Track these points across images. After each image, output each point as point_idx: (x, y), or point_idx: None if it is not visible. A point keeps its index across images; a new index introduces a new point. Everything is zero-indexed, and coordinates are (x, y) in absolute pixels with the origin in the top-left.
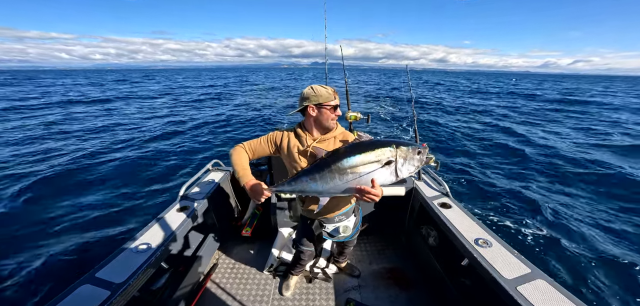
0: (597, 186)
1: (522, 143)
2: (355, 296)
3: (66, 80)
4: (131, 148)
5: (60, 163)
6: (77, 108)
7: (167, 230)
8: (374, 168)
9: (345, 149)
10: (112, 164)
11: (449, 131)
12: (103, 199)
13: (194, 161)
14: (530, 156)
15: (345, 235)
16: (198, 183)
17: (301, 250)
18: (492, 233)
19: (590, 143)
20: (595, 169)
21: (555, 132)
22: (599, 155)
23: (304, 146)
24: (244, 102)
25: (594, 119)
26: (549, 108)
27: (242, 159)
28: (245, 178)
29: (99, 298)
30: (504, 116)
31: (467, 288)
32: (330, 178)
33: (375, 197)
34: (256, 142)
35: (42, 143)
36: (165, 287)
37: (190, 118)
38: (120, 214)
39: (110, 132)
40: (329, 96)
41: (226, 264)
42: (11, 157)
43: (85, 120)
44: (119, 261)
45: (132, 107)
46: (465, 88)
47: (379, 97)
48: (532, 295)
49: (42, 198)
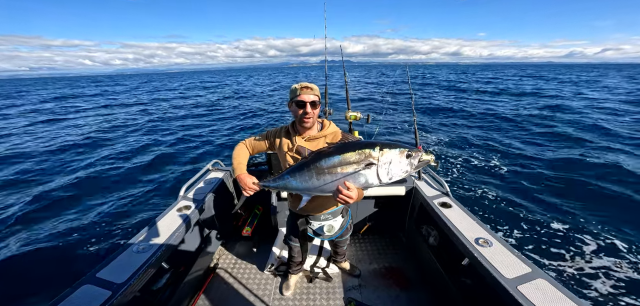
0: (599, 183)
1: (526, 143)
2: (355, 295)
3: (94, 86)
4: (131, 148)
5: (74, 168)
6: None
7: (168, 230)
8: (353, 169)
9: (328, 150)
10: (112, 164)
11: (449, 129)
12: (103, 199)
13: (194, 161)
14: (531, 155)
15: (329, 235)
16: (198, 183)
17: (290, 245)
18: (492, 233)
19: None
20: (597, 167)
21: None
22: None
23: (292, 144)
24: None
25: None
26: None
27: (240, 154)
28: (237, 170)
29: (100, 298)
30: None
31: (468, 288)
32: (309, 176)
33: (348, 199)
34: (256, 140)
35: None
36: (165, 287)
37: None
38: (120, 214)
39: (112, 133)
40: (294, 91)
41: (227, 264)
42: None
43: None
44: (119, 262)
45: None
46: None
47: (383, 96)
48: (533, 295)
49: (42, 199)
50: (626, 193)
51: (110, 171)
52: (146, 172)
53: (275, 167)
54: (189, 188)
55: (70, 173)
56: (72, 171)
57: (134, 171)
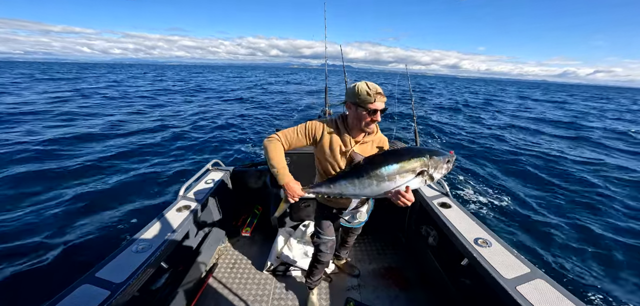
0: (597, 183)
1: (520, 148)
2: (355, 295)
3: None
4: (131, 149)
5: (64, 160)
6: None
7: (167, 230)
8: (409, 177)
9: (383, 157)
10: (112, 165)
11: (448, 133)
12: (104, 200)
13: (194, 160)
14: (530, 158)
15: (359, 221)
16: (198, 183)
17: (322, 240)
18: (491, 233)
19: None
20: (597, 167)
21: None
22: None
23: (346, 147)
24: None
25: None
26: None
27: (279, 153)
28: (284, 177)
29: (99, 297)
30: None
31: (467, 288)
32: (369, 183)
33: (408, 203)
34: (292, 133)
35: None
36: (165, 287)
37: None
38: (120, 213)
39: (111, 131)
40: (367, 98)
41: (226, 263)
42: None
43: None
44: (118, 261)
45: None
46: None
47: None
48: (532, 295)
49: (41, 194)
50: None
51: (111, 172)
52: (146, 170)
53: None
54: (188, 188)
55: (70, 169)
56: (72, 167)
57: (134, 172)
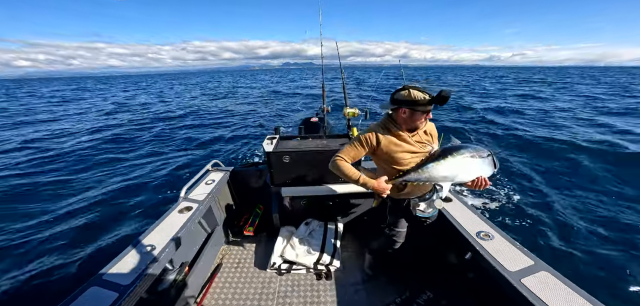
0: (602, 171)
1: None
2: (360, 292)
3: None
4: (131, 149)
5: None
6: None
7: (170, 232)
8: (482, 161)
9: (462, 144)
10: (112, 166)
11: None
12: (104, 200)
13: (194, 161)
14: (529, 148)
15: (433, 210)
16: (198, 184)
17: (395, 232)
18: (493, 226)
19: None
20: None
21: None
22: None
23: (407, 141)
24: None
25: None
26: None
27: (350, 168)
28: (370, 182)
29: (108, 299)
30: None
31: (471, 282)
32: (453, 163)
33: (487, 185)
34: (351, 149)
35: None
36: (170, 288)
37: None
38: (121, 215)
39: (109, 134)
40: (415, 100)
41: (230, 263)
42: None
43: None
44: (125, 264)
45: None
46: None
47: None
48: (537, 288)
49: (45, 200)
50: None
51: (111, 172)
52: (147, 173)
53: (275, 166)
54: (189, 189)
55: (74, 175)
56: (75, 173)
57: (135, 173)
